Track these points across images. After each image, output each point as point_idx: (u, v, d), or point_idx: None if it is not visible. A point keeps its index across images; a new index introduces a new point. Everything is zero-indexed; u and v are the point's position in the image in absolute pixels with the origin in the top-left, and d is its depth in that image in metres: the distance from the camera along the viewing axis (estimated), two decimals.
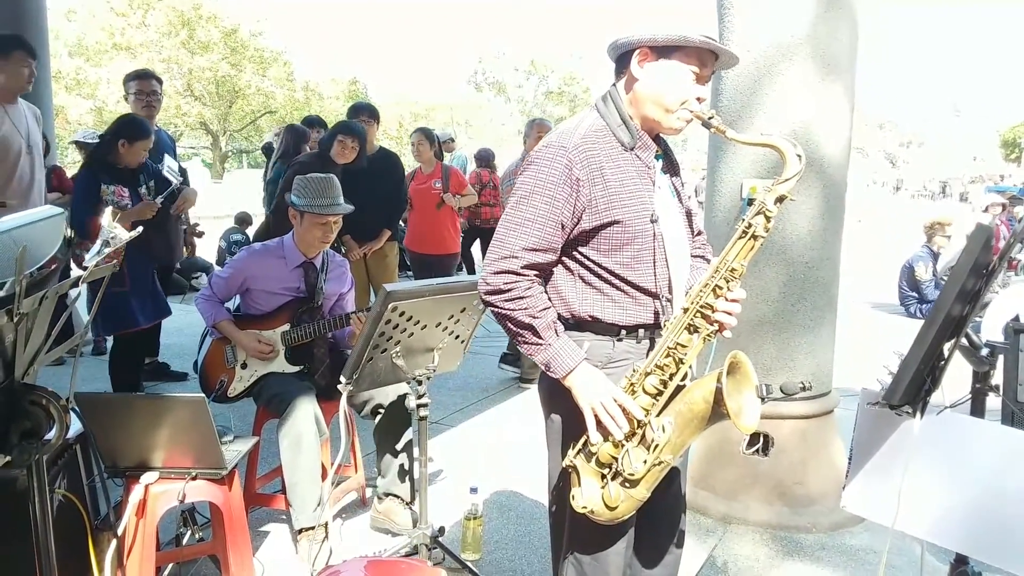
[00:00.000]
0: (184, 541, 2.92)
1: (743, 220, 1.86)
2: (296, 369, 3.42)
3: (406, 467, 3.33)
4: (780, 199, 1.83)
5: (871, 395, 1.82)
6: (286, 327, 3.41)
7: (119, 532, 2.44)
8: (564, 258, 1.95)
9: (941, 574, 2.31)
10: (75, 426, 2.58)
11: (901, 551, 3.07)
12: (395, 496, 3.33)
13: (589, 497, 1.85)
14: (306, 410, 3.10)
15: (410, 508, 3.32)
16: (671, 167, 2.08)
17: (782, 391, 1.85)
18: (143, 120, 4.87)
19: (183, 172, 5.18)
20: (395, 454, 3.32)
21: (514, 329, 1.89)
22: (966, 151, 57.93)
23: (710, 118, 1.89)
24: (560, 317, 1.95)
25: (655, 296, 1.94)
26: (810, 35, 3.28)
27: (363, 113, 5.85)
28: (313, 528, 3.06)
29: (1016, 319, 3.50)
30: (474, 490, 3.17)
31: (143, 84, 5.30)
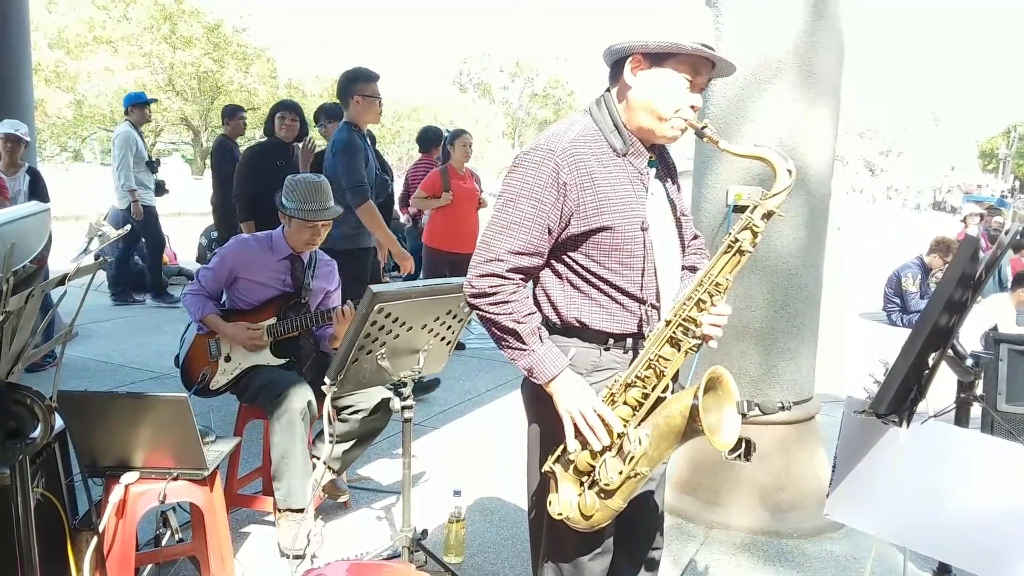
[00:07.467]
0: (164, 542, 2.89)
1: (729, 234, 1.84)
2: (281, 362, 3.39)
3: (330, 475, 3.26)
4: (768, 214, 1.81)
5: (856, 404, 1.83)
6: (272, 320, 3.39)
7: (99, 532, 2.41)
8: (553, 262, 1.94)
9: None
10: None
11: (881, 559, 3.10)
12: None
13: (565, 504, 1.85)
14: (300, 394, 3.10)
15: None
16: (667, 172, 2.07)
17: (760, 410, 1.85)
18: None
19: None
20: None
21: (498, 333, 1.88)
22: (945, 160, 58.61)
23: (703, 127, 1.87)
24: (548, 321, 1.95)
25: (643, 302, 1.93)
26: (797, 48, 3.31)
27: (323, 116, 6.00)
28: (301, 511, 3.03)
29: (994, 328, 3.54)
30: (457, 493, 3.16)
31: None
